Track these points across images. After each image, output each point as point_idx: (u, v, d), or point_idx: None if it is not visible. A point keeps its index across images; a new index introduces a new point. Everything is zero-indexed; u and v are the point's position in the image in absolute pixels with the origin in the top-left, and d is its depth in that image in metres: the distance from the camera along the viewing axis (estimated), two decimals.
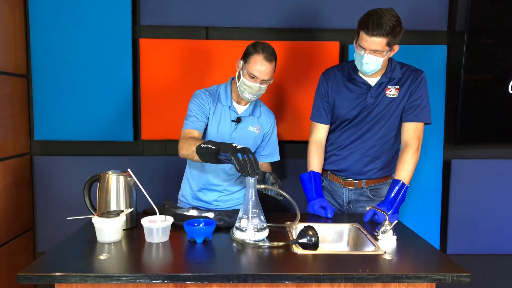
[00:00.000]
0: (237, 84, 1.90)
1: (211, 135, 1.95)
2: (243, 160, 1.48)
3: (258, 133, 2.01)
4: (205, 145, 1.62)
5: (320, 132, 2.04)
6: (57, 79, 2.45)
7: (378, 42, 1.72)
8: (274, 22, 2.50)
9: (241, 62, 1.88)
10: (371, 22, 1.70)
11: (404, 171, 1.86)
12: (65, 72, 2.45)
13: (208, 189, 2.02)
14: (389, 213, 1.78)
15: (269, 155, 2.10)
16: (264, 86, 1.86)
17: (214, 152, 1.58)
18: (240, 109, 1.99)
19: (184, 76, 2.47)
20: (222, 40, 2.49)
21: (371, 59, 1.77)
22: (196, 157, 1.69)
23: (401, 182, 1.84)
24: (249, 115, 1.99)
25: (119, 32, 2.45)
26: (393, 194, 1.82)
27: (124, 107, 2.49)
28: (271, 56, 1.83)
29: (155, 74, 2.50)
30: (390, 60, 1.91)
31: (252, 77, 1.83)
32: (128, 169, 1.67)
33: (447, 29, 2.54)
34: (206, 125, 1.95)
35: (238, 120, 1.96)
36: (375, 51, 1.75)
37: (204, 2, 2.47)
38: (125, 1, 2.44)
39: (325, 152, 2.07)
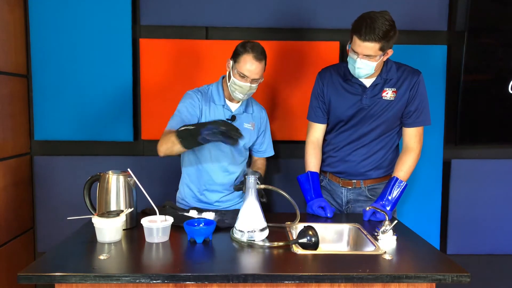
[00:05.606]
0: (228, 84, 1.90)
1: None
2: (225, 126, 1.55)
3: (253, 129, 2.02)
4: (184, 127, 1.66)
5: (316, 132, 2.05)
6: (57, 79, 2.45)
7: (371, 47, 1.70)
8: (274, 22, 2.50)
9: (231, 62, 1.88)
10: (364, 27, 1.68)
11: (403, 172, 1.87)
12: (65, 72, 2.45)
13: (209, 190, 2.01)
14: (388, 209, 1.79)
15: (265, 151, 2.12)
16: (254, 85, 1.87)
17: (193, 132, 1.61)
18: (234, 107, 1.99)
19: (184, 76, 2.47)
20: (222, 40, 2.49)
21: (364, 63, 1.76)
22: (176, 148, 1.70)
23: (399, 179, 1.85)
24: (243, 112, 2.00)
25: (119, 32, 2.45)
26: (394, 192, 1.83)
27: (124, 107, 2.49)
28: (261, 55, 1.83)
29: (155, 74, 2.49)
30: (386, 60, 1.88)
31: (243, 76, 1.83)
32: (128, 169, 1.67)
33: (447, 29, 2.54)
34: None
35: (233, 118, 1.96)
36: (368, 56, 1.74)
37: (204, 2, 2.47)
38: (125, 1, 2.43)
39: (323, 153, 2.06)
